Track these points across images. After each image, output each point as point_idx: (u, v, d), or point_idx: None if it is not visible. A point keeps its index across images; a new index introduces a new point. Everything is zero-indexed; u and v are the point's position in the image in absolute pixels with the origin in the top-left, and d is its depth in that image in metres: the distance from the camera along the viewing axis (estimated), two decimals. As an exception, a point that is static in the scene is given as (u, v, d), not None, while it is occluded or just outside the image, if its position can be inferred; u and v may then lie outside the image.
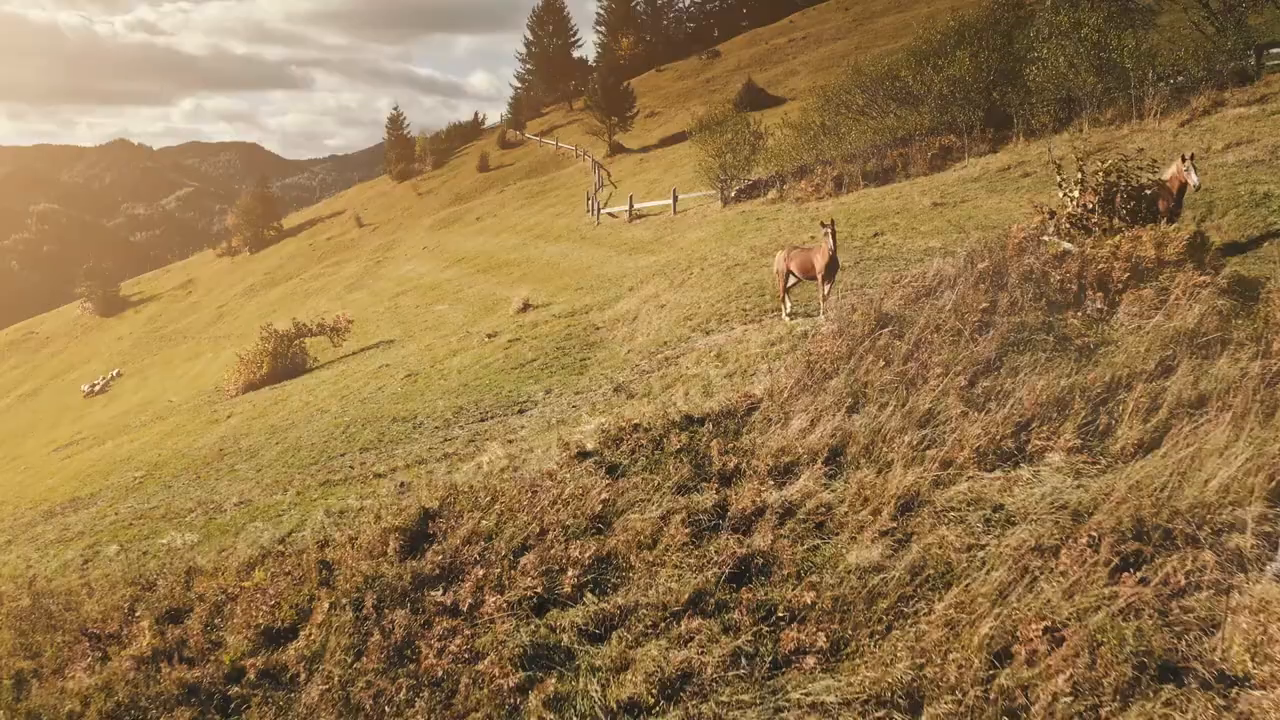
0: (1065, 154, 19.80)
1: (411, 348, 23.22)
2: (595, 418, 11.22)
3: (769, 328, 12.08)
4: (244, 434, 19.22)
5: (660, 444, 8.68)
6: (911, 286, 9.77)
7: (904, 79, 27.38)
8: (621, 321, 17.50)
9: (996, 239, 10.11)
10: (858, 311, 9.27)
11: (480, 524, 8.21)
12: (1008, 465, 6.80)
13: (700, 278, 17.39)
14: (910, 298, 9.56)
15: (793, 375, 8.85)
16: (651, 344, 14.29)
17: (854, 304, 10.14)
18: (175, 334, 65.52)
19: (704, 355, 11.78)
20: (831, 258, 11.42)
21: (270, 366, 25.85)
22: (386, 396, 17.16)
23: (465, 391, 15.44)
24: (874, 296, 9.97)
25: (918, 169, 24.59)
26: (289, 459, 14.90)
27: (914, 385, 7.80)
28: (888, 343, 8.53)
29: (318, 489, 12.58)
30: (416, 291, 38.31)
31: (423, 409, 15.11)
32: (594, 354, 15.93)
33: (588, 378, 13.86)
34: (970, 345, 8.14)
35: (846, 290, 12.89)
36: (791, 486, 7.08)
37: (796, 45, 69.56)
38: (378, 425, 14.97)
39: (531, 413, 13.14)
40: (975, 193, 18.94)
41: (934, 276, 9.85)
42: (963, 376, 7.74)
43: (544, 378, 14.92)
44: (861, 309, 9.20)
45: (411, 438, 13.77)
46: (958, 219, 16.61)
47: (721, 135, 29.35)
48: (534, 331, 18.72)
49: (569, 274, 27.34)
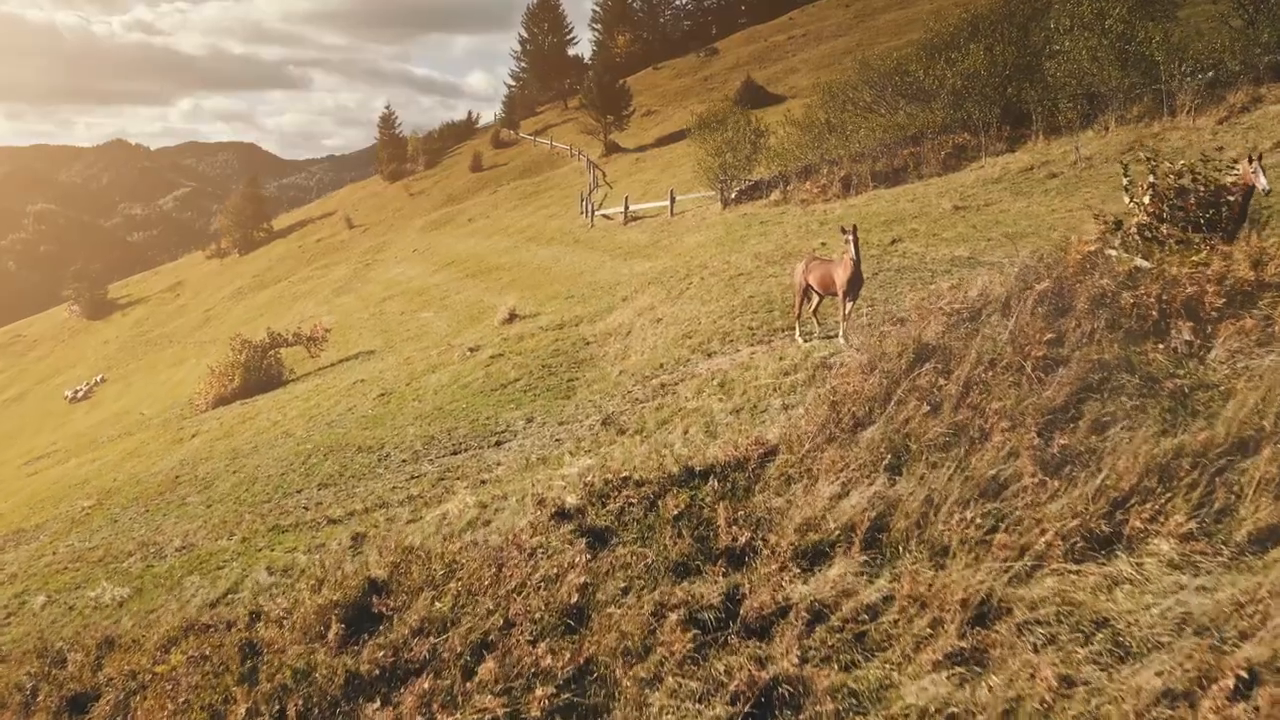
0: (1129, 151, 18.30)
1: (390, 360, 21.67)
2: (579, 459, 9.68)
3: (780, 351, 10.55)
4: (204, 457, 17.70)
5: (655, 504, 7.14)
6: (952, 309, 8.23)
7: (914, 74, 25.86)
8: (613, 336, 15.96)
9: (1053, 253, 8.58)
10: (891, 340, 7.73)
11: (434, 608, 6.67)
12: (1101, 555, 5.28)
13: (700, 288, 15.85)
14: (951, 323, 8.02)
15: (815, 418, 7.31)
16: (646, 365, 12.75)
17: (885, 329, 8.61)
18: (161, 338, 63.92)
19: (705, 384, 10.23)
20: (855, 271, 9.89)
21: (242, 379, 24.29)
22: (355, 420, 15.60)
23: (439, 417, 13.89)
24: (909, 321, 8.43)
25: (931, 169, 23.07)
26: (242, 493, 13.38)
27: (971, 440, 6.26)
28: (932, 381, 6.99)
29: (265, 534, 11.10)
30: (403, 296, 36.75)
31: (391, 437, 13.56)
32: (582, 374, 14.39)
33: (574, 404, 12.32)
34: (1037, 388, 6.61)
35: (865, 305, 11.36)
36: (821, 576, 5.55)
37: (796, 42, 68.01)
38: (341, 456, 13.42)
39: (510, 445, 11.60)
40: (999, 195, 17.42)
41: (978, 297, 8.32)
42: (1033, 429, 6.20)
43: (526, 402, 13.38)
44: (896, 337, 7.66)
45: (375, 472, 12.22)
46: (983, 224, 15.08)
47: (721, 133, 27.79)
48: (519, 346, 17.17)
49: (559, 280, 25.78)
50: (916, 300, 8.76)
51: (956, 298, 8.49)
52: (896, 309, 11.05)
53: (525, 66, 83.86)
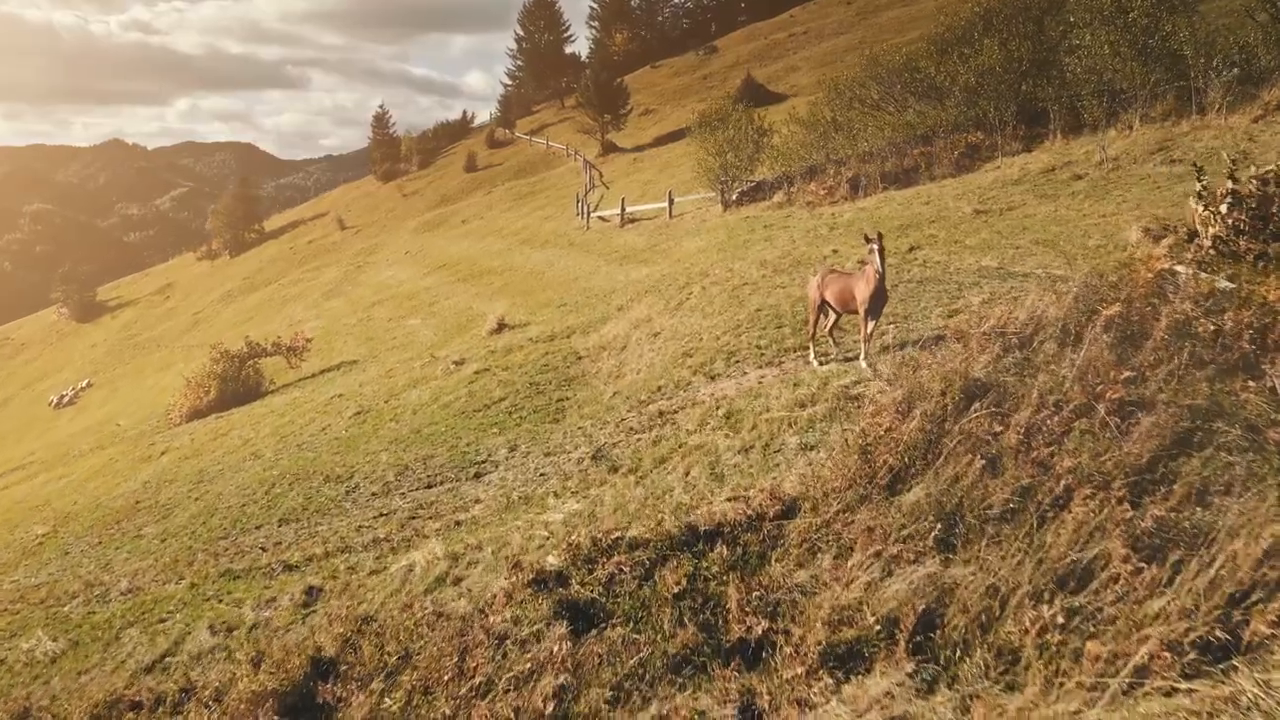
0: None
1: (372, 373, 20.46)
2: (565, 501, 8.49)
3: (793, 376, 9.35)
4: (169, 479, 16.54)
5: (651, 574, 5.96)
6: (998, 334, 7.05)
7: (924, 70, 24.67)
8: (607, 351, 14.77)
9: (1116, 269, 7.39)
10: (930, 373, 6.54)
11: (382, 706, 5.48)
12: (1216, 665, 4.09)
13: (701, 299, 14.66)
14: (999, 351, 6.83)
15: (843, 469, 6.12)
16: (642, 386, 11.55)
17: (915, 356, 7.43)
18: (149, 342, 62.73)
19: (709, 413, 9.04)
20: (879, 286, 8.70)
21: (218, 391, 23.08)
22: (327, 442, 14.40)
23: (416, 441, 12.69)
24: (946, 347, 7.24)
25: (943, 169, 21.88)
26: (199, 527, 12.21)
27: (1042, 509, 5.07)
28: (986, 428, 5.80)
29: (216, 580, 9.95)
30: (393, 301, 35.55)
31: (363, 464, 12.36)
32: (573, 393, 13.19)
33: (562, 430, 11.12)
34: (1116, 440, 5.42)
35: (887, 323, 10.17)
36: (860, 688, 4.36)
37: (797, 40, 66.84)
38: (307, 485, 12.22)
39: (490, 478, 10.40)
40: (1022, 198, 16.23)
41: (1029, 320, 7.13)
42: (1117, 494, 5.01)
43: (510, 426, 12.18)
44: (937, 370, 6.47)
45: (342, 507, 11.03)
46: (1008, 230, 13.90)
47: (723, 132, 26.59)
48: (506, 360, 15.97)
49: (552, 286, 24.58)
50: (955, 323, 7.57)
51: (1002, 321, 7.30)
52: (923, 328, 9.86)
53: (521, 65, 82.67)
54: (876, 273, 8.48)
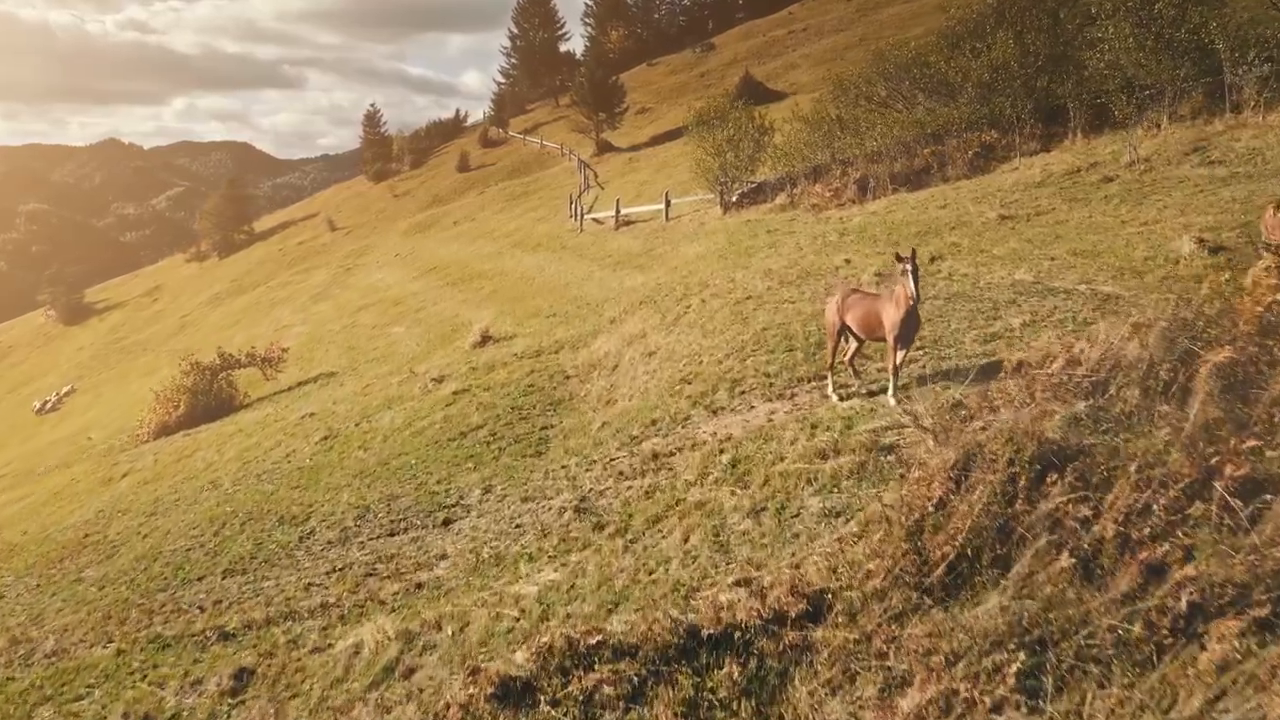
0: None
1: (348, 388, 19.14)
2: (541, 569, 7.18)
3: (809, 413, 8.06)
4: (122, 509, 15.27)
5: (640, 693, 4.67)
6: (1064, 378, 5.76)
7: (934, 65, 23.37)
8: (598, 370, 13.46)
9: (1209, 300, 6.11)
10: (986, 425, 5.25)
11: None
12: None
13: (701, 313, 13.36)
14: (1066, 399, 5.54)
15: (884, 555, 4.83)
16: (634, 417, 10.24)
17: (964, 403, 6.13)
18: (135, 346, 61.39)
19: (711, 459, 7.74)
20: (911, 311, 7.41)
21: (188, 406, 21.75)
22: (289, 473, 13.08)
23: (382, 476, 11.37)
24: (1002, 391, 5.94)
25: (957, 170, 20.60)
26: (140, 573, 10.95)
27: (1158, 632, 3.77)
28: (1071, 512, 4.50)
29: (145, 646, 8.74)
30: (379, 306, 34.22)
31: (322, 503, 11.05)
32: (559, 420, 11.88)
33: (543, 470, 9.80)
34: (1244, 536, 4.11)
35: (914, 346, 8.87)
36: None
37: (796, 37, 65.55)
38: (259, 528, 10.91)
39: (460, 526, 9.10)
40: (1049, 202, 14.93)
41: (1102, 359, 5.84)
42: (1259, 614, 3.72)
43: (487, 459, 10.86)
44: (998, 428, 5.16)
45: (294, 556, 9.72)
46: (1040, 239, 12.60)
47: (722, 130, 25.26)
48: (488, 379, 14.66)
49: (542, 294, 23.27)
50: (1008, 356, 6.27)
51: (1068, 357, 6.01)
52: (958, 355, 8.56)
53: (515, 63, 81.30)
54: (910, 297, 7.18)
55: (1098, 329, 6.20)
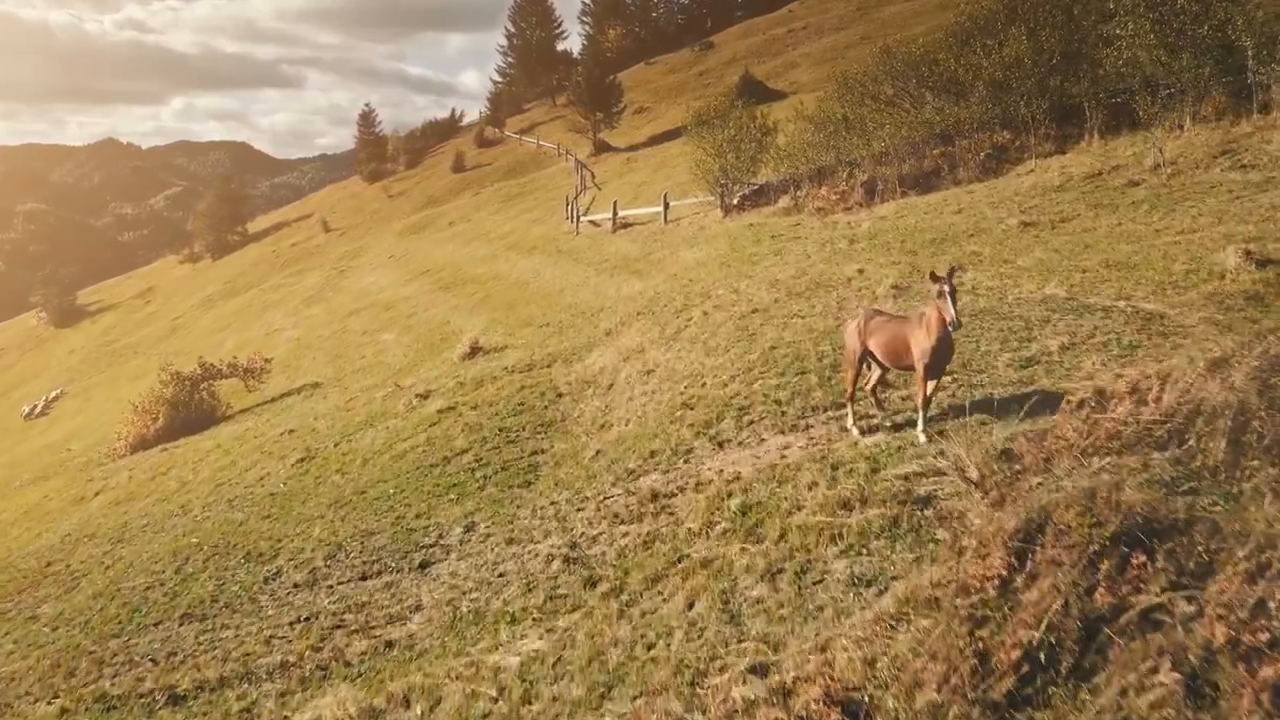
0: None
1: (332, 401, 18.24)
2: (524, 634, 6.30)
3: (827, 450, 7.18)
4: (89, 534, 14.40)
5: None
6: (1137, 427, 4.90)
7: (943, 63, 22.48)
8: (592, 388, 12.58)
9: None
10: (1060, 495, 4.37)
11: None
12: None
13: (702, 327, 12.48)
14: (1143, 450, 4.68)
15: (937, 658, 3.96)
16: (631, 446, 9.36)
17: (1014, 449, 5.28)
18: (126, 349, 60.50)
19: (718, 504, 6.86)
20: (944, 338, 6.54)
21: (167, 418, 20.86)
22: (260, 500, 12.19)
23: (358, 507, 10.48)
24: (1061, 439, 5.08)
25: (969, 173, 19.73)
26: (96, 614, 10.11)
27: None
28: (1170, 607, 3.62)
29: (90, 706, 8.02)
30: (371, 311, 33.32)
31: (292, 538, 10.16)
32: (550, 444, 11.00)
33: (531, 505, 8.91)
34: None
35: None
36: None
37: (796, 36, 64.63)
38: (224, 564, 10.03)
39: (438, 570, 8.22)
40: (1073, 208, 14.05)
41: (1181, 402, 4.97)
42: None
43: (471, 490, 9.98)
44: (1070, 496, 4.29)
45: (257, 601, 8.84)
46: (1068, 249, 11.72)
47: (723, 130, 24.37)
48: (476, 395, 13.77)
49: (536, 300, 22.38)
50: (1069, 403, 5.40)
51: (1135, 399, 5.14)
52: (993, 382, 7.68)
53: (512, 62, 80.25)
54: (948, 324, 6.30)
55: (1171, 365, 5.32)
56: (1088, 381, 6.44)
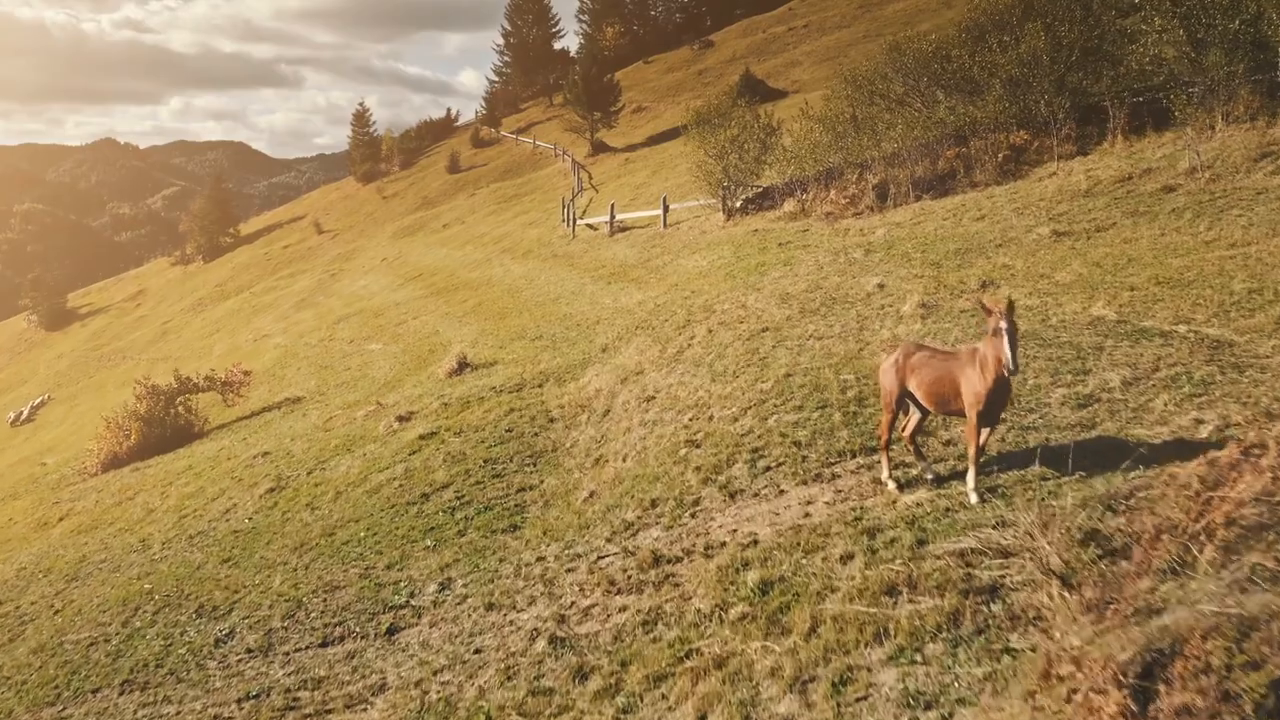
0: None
1: (311, 419, 17.16)
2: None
3: (859, 508, 6.12)
4: (46, 568, 13.33)
5: None
6: (1256, 497, 3.85)
7: (956, 59, 21.42)
8: (587, 413, 11.51)
9: None
10: (1189, 618, 3.33)
11: None
12: None
13: (707, 347, 11.41)
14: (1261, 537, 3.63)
15: None
16: (629, 489, 8.29)
17: (1101, 527, 4.24)
18: (114, 353, 59.40)
19: (731, 576, 5.80)
20: (1001, 382, 5.50)
21: (139, 436, 19.75)
22: (222, 537, 11.11)
23: (325, 552, 9.41)
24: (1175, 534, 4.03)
25: (986, 175, 18.68)
26: (34, 672, 9.06)
27: None
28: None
29: None
30: (360, 318, 32.22)
31: (250, 588, 9.09)
32: (539, 479, 9.93)
33: (515, 560, 7.83)
34: None
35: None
36: None
37: (797, 34, 63.58)
38: (173, 619, 8.97)
39: (407, 639, 7.15)
40: (1107, 215, 13.00)
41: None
42: None
43: (450, 536, 8.91)
44: (1218, 624, 3.24)
45: (204, 668, 7.77)
46: (1110, 263, 10.65)
47: (725, 130, 23.31)
48: (460, 419, 12.70)
49: (529, 309, 21.30)
50: (1168, 480, 4.35)
51: (1262, 479, 4.09)
52: (1048, 425, 6.62)
53: (508, 61, 79.17)
54: (1005, 368, 5.25)
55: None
56: (1161, 428, 5.38)
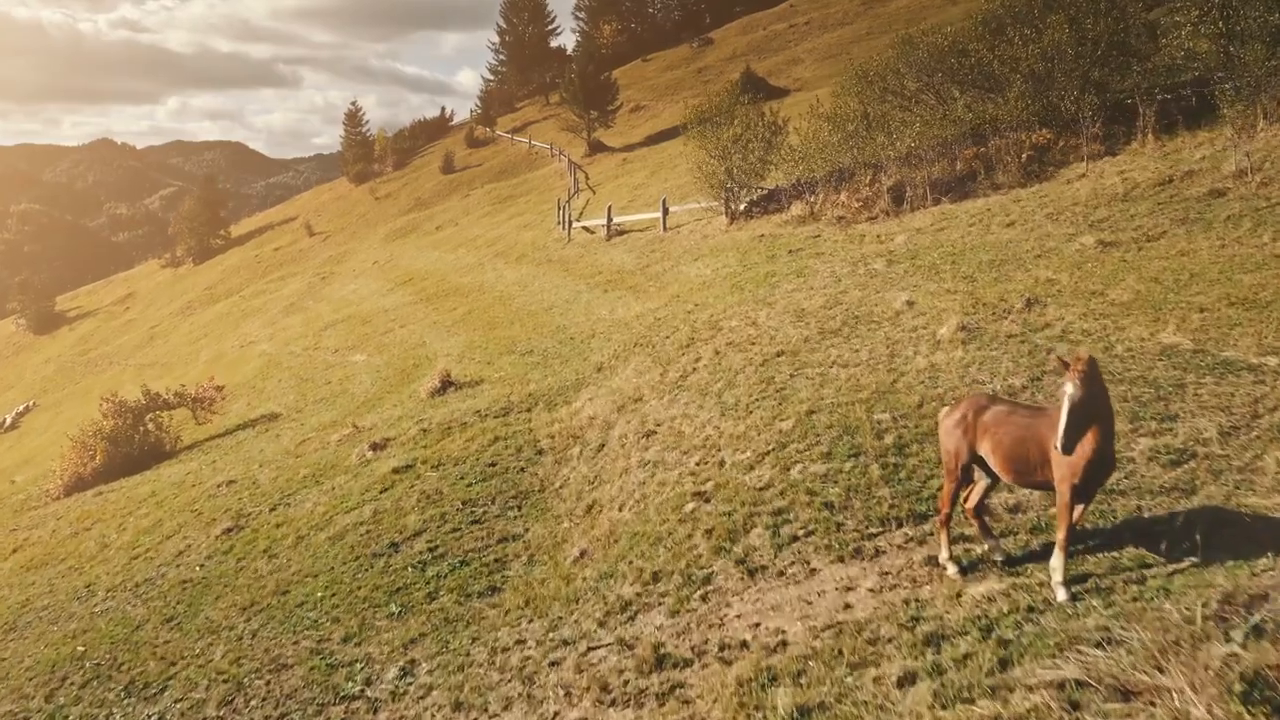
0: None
1: (284, 441, 15.90)
2: None
3: (913, 600, 4.89)
4: (-16, 611, 11.99)
5: None
6: None
7: (974, 53, 20.20)
8: (579, 444, 10.27)
9: None
10: None
11: None
12: None
13: (714, 372, 10.17)
14: None
15: None
16: (626, 552, 7.05)
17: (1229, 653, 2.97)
18: (102, 358, 58.14)
19: (758, 701, 4.56)
20: (1103, 450, 4.26)
21: (105, 457, 18.48)
22: (167, 591, 9.86)
23: (275, 616, 8.16)
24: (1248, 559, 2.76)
25: (1008, 177, 17.44)
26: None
27: None
28: None
29: None
30: (347, 325, 30.96)
31: (189, 660, 7.85)
32: (523, 528, 8.69)
33: (490, 640, 6.59)
34: None
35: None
36: None
37: (799, 31, 62.34)
38: (102, 694, 7.76)
39: (361, 743, 5.90)
40: (1155, 223, 11.76)
41: None
42: None
43: (418, 600, 7.66)
44: None
45: (121, 771, 6.51)
46: (1171, 279, 9.42)
47: (728, 129, 22.05)
48: (440, 449, 11.45)
49: (520, 320, 20.05)
50: None
51: None
52: (1135, 485, 5.38)
53: (504, 60, 77.82)
54: (1102, 433, 4.02)
55: None
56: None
